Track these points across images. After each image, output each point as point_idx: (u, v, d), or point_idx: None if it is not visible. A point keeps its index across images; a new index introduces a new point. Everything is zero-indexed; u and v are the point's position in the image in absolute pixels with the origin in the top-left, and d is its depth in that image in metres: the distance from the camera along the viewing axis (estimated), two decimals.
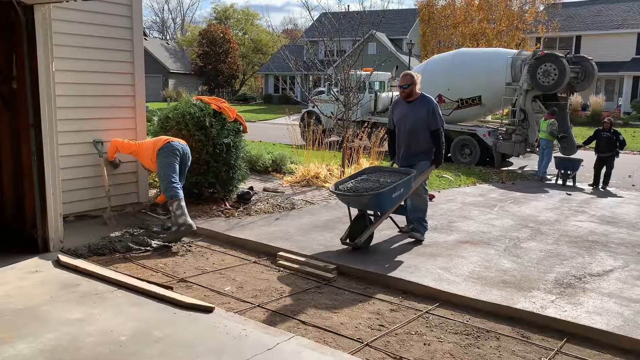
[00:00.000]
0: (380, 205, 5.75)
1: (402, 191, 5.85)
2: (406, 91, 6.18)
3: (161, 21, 74.26)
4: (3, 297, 4.15)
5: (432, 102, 6.15)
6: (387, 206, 5.81)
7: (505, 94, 14.01)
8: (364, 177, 6.06)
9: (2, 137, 5.58)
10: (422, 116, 6.07)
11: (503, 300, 4.50)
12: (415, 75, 6.20)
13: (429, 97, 6.22)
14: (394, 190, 5.68)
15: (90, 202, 6.61)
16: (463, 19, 33.03)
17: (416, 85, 6.17)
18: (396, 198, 5.80)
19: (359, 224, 5.80)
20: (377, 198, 5.59)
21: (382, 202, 5.68)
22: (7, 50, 5.30)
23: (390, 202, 5.77)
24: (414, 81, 6.15)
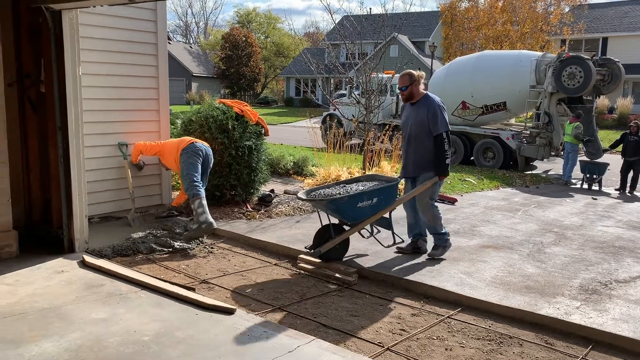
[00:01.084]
0: (340, 213, 5.28)
1: (375, 202, 5.27)
2: (405, 94, 5.62)
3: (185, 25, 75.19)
4: (30, 296, 4.24)
5: (434, 102, 5.49)
6: (350, 216, 5.29)
7: (530, 97, 13.83)
8: (343, 185, 5.60)
9: (30, 140, 5.71)
10: (423, 119, 5.50)
11: (526, 305, 4.43)
12: (414, 74, 5.59)
13: (432, 98, 5.56)
14: (356, 198, 5.16)
15: (114, 204, 6.71)
16: (486, 21, 32.76)
17: (418, 85, 5.57)
18: (365, 208, 5.24)
19: (323, 234, 5.40)
20: (334, 204, 5.19)
21: (342, 210, 5.22)
22: (35, 54, 5.43)
23: (355, 212, 5.23)
24: (413, 81, 5.55)
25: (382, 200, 5.35)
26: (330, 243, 5.31)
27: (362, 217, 5.34)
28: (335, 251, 5.40)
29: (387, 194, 5.39)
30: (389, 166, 10.04)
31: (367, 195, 5.26)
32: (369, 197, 5.26)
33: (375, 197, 5.29)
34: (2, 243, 5.10)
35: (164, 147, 6.50)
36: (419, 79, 5.58)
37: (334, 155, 10.81)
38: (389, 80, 15.34)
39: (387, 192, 5.40)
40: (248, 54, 48.44)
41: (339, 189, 5.46)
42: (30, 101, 5.62)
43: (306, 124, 14.55)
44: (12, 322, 3.76)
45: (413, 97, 5.60)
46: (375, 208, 5.33)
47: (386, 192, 5.39)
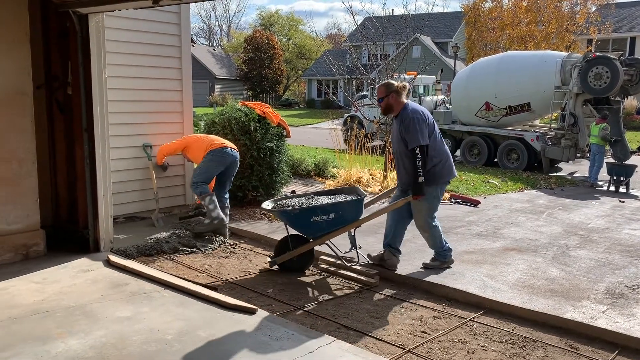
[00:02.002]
0: (294, 226, 5.14)
1: (332, 217, 4.99)
2: (382, 106, 5.17)
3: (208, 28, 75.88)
4: (56, 294, 4.33)
5: (407, 114, 4.96)
6: (305, 229, 5.14)
7: (555, 98, 13.62)
8: (311, 196, 5.40)
9: (57, 141, 5.83)
10: (397, 131, 5.08)
11: (550, 309, 4.37)
12: (392, 85, 5.11)
13: (408, 108, 5.02)
14: (309, 212, 4.97)
15: (139, 204, 6.82)
16: (510, 21, 32.36)
17: (398, 96, 5.07)
18: (321, 223, 5.00)
19: (284, 245, 5.29)
20: (285, 216, 5.07)
21: (294, 223, 5.10)
22: (63, 57, 5.55)
23: (309, 226, 5.04)
24: (390, 92, 5.06)
25: (341, 216, 5.04)
26: (287, 255, 5.18)
27: (319, 232, 5.09)
28: (295, 262, 5.25)
29: (346, 210, 5.08)
30: None
31: (321, 210, 4.99)
32: (324, 212, 4.98)
33: (332, 212, 5.00)
34: (30, 242, 5.22)
35: (191, 142, 6.45)
36: (399, 90, 5.08)
37: (355, 157, 10.80)
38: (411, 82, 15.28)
39: (346, 208, 5.08)
40: (270, 56, 48.68)
41: (305, 200, 5.25)
42: (58, 103, 5.74)
43: (327, 126, 14.58)
44: (39, 320, 3.85)
45: (392, 110, 5.14)
46: (333, 224, 5.05)
47: (345, 208, 5.08)
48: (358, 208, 5.18)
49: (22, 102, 5.11)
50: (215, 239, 6.16)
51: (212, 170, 6.19)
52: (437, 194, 5.18)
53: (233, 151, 6.33)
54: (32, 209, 5.25)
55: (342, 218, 5.07)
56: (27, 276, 4.72)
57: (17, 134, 5.09)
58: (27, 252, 5.19)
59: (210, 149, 6.16)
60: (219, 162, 6.17)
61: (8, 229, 5.08)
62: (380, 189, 9.08)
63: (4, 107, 4.98)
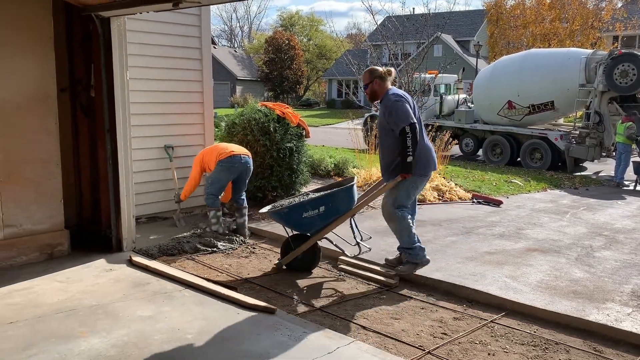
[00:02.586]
0: (288, 225, 5.16)
1: (323, 210, 4.94)
2: (367, 92, 5.07)
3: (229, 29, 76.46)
4: (80, 293, 4.40)
5: (389, 97, 4.85)
6: (299, 227, 5.13)
7: (579, 96, 13.40)
8: (305, 194, 5.40)
9: (81, 142, 5.94)
10: (382, 120, 4.96)
11: (574, 311, 4.29)
12: (377, 70, 5.00)
13: (391, 92, 4.90)
14: (299, 209, 4.95)
15: (160, 205, 6.90)
16: (533, 18, 31.94)
17: (383, 82, 4.96)
18: (313, 218, 4.97)
19: (287, 246, 5.31)
20: (276, 216, 5.09)
21: (288, 221, 5.11)
22: (86, 60, 5.64)
23: (303, 223, 5.02)
24: (374, 77, 4.96)
25: (331, 207, 4.98)
26: (290, 255, 5.19)
27: (314, 227, 5.06)
28: (299, 261, 5.24)
29: (336, 200, 4.99)
30: None
31: (310, 205, 4.95)
32: (314, 207, 4.93)
33: (321, 205, 4.94)
34: (54, 242, 5.32)
35: (205, 161, 6.32)
36: (384, 75, 4.95)
37: (375, 157, 10.75)
38: (431, 81, 15.18)
39: (335, 199, 4.99)
40: (291, 57, 48.82)
41: (297, 199, 5.22)
42: (82, 105, 5.84)
43: (348, 126, 14.55)
44: (63, 318, 3.92)
45: (377, 96, 5.01)
46: (326, 216, 4.99)
47: (334, 199, 4.99)
48: (348, 197, 5.07)
49: (46, 105, 5.21)
50: (235, 239, 6.20)
51: (223, 180, 6.22)
52: (408, 185, 4.93)
53: (243, 157, 6.26)
54: (57, 209, 5.35)
55: (334, 209, 5.01)
56: (52, 275, 4.81)
57: (42, 136, 5.19)
58: (52, 252, 5.29)
59: (219, 159, 6.14)
60: (229, 170, 6.17)
61: (33, 229, 5.19)
62: None
63: (29, 110, 5.09)
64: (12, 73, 4.95)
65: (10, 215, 5.03)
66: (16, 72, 4.98)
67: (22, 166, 5.08)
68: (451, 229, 6.89)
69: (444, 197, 8.83)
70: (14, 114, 4.99)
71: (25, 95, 5.06)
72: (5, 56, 4.90)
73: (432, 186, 9.00)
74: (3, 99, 4.91)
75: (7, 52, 4.91)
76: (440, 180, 9.40)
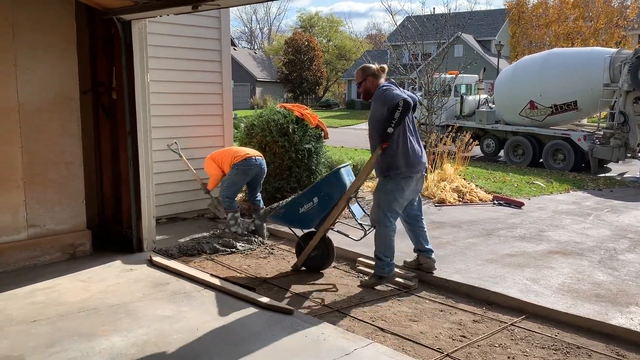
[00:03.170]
0: (289, 224, 5.20)
1: (317, 201, 4.89)
2: (360, 91, 4.98)
3: (249, 31, 76.90)
4: (101, 293, 4.47)
5: (378, 89, 4.72)
6: (300, 224, 5.11)
7: (603, 96, 13.15)
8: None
9: (103, 144, 6.03)
10: (372, 114, 4.80)
11: (596, 315, 4.22)
12: (369, 67, 4.90)
13: (380, 86, 4.76)
14: (294, 205, 4.95)
15: (180, 205, 6.97)
16: (556, 17, 31.50)
17: (372, 79, 4.85)
18: (311, 211, 4.93)
19: (299, 247, 5.30)
20: (274, 218, 5.11)
21: (287, 221, 5.12)
22: (108, 63, 5.73)
23: (302, 219, 5.00)
24: (367, 75, 4.87)
25: (325, 196, 4.91)
26: (302, 254, 5.19)
27: (314, 220, 5.01)
28: (314, 260, 5.23)
29: (327, 188, 4.92)
30: (452, 168, 9.84)
31: (303, 198, 4.92)
32: (307, 200, 4.90)
33: (314, 196, 4.90)
34: (77, 242, 5.41)
35: (217, 161, 6.39)
36: (378, 72, 4.85)
37: None
38: (452, 81, 15.06)
39: (325, 186, 4.93)
40: (310, 58, 48.93)
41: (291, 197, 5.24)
42: (103, 107, 5.93)
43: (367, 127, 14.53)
44: (85, 317, 3.98)
45: (370, 94, 4.85)
46: (322, 207, 4.93)
47: (325, 187, 4.93)
48: (338, 182, 4.98)
49: (69, 107, 5.30)
50: (254, 239, 6.23)
51: (238, 183, 6.28)
52: (392, 188, 4.77)
53: (258, 159, 6.30)
54: (79, 210, 5.44)
55: (328, 198, 4.93)
56: (74, 275, 4.90)
57: (65, 138, 5.28)
58: (74, 252, 5.38)
59: (234, 162, 6.18)
60: (244, 173, 6.22)
61: (57, 229, 5.29)
62: None
63: (53, 112, 5.19)
64: (36, 76, 5.05)
65: (34, 215, 5.13)
66: (40, 75, 5.08)
67: (46, 167, 5.17)
68: (471, 230, 6.83)
69: (464, 198, 8.75)
70: (38, 116, 5.09)
71: (49, 97, 5.16)
72: (30, 59, 5.00)
73: (452, 187, 8.93)
74: (28, 101, 5.02)
75: (31, 56, 5.01)
76: (461, 182, 9.31)
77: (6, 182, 4.94)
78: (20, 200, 5.03)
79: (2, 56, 4.84)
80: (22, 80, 4.96)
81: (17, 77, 4.93)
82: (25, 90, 4.99)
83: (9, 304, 4.21)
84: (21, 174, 5.02)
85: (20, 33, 4.91)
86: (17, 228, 5.04)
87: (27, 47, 4.96)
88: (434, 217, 7.47)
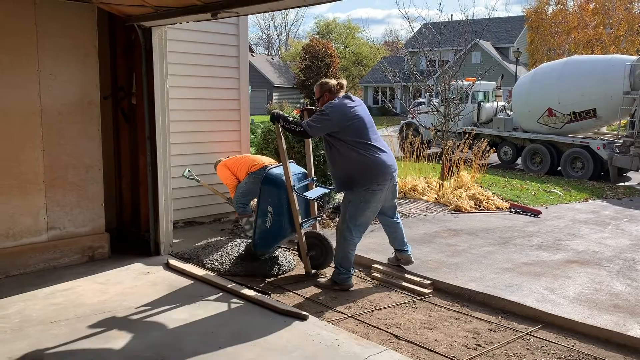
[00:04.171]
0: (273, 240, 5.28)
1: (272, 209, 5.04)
2: (319, 106, 5.05)
3: (267, 37, 77.35)
4: (119, 295, 4.53)
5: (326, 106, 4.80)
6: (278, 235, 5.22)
7: (623, 104, 12.99)
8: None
9: (122, 148, 6.12)
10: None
11: (614, 325, 4.16)
12: (326, 83, 4.98)
13: (329, 103, 4.83)
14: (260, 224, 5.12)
15: (197, 210, 7.03)
16: (576, 24, 31.18)
17: (329, 94, 4.92)
18: (277, 219, 5.06)
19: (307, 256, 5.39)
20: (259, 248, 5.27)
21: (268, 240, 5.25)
22: (128, 69, 5.83)
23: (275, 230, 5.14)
24: (323, 91, 4.96)
25: (273, 202, 5.03)
26: (304, 260, 5.30)
27: (286, 226, 5.10)
28: (312, 259, 5.33)
29: (267, 196, 5.05)
30: (469, 176, 9.79)
31: (260, 214, 5.09)
32: (264, 213, 5.07)
33: (266, 208, 5.06)
34: (95, 244, 5.49)
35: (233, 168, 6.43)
36: (335, 89, 4.93)
37: (410, 164, 10.71)
38: (469, 88, 15.00)
39: (265, 195, 5.06)
40: (327, 64, 48.99)
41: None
42: (123, 112, 6.03)
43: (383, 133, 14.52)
44: (102, 319, 4.04)
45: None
46: (280, 210, 5.04)
47: (266, 196, 5.06)
48: (272, 184, 5.06)
49: (90, 111, 5.40)
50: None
51: (254, 191, 6.28)
52: (355, 199, 4.80)
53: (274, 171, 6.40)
54: (98, 213, 5.52)
55: (276, 201, 5.04)
56: (92, 277, 4.97)
57: (85, 142, 5.38)
58: (93, 254, 5.46)
59: (251, 171, 6.22)
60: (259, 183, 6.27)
61: (76, 232, 5.37)
62: (436, 197, 8.95)
63: (74, 117, 5.28)
64: (58, 81, 5.15)
65: (54, 218, 5.22)
66: (62, 80, 5.18)
67: (66, 171, 5.27)
68: (487, 238, 6.79)
69: (481, 206, 8.70)
70: (60, 120, 5.19)
71: (71, 102, 5.26)
72: (53, 65, 5.11)
73: (468, 195, 8.89)
74: (50, 106, 5.12)
75: (54, 61, 5.11)
76: (477, 189, 9.26)
77: (28, 185, 5.04)
78: (41, 202, 5.13)
79: (26, 61, 4.95)
80: (45, 85, 5.06)
81: (40, 82, 5.04)
82: (47, 95, 5.09)
83: (29, 305, 4.29)
84: (42, 177, 5.12)
85: (43, 39, 5.02)
86: (38, 230, 5.14)
87: (50, 52, 5.07)
88: (450, 225, 7.44)
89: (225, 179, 6.48)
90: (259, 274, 5.26)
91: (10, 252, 4.97)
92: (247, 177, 6.24)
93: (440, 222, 7.58)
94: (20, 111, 4.95)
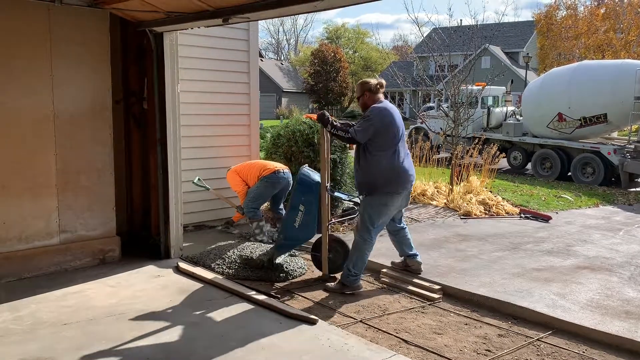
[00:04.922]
0: (298, 239, 5.37)
1: (304, 208, 5.11)
2: (360, 104, 5.17)
3: (276, 43, 77.62)
4: (130, 298, 4.56)
5: (372, 108, 4.87)
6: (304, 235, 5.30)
7: (634, 109, 12.90)
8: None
9: (133, 152, 6.17)
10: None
11: (626, 332, 4.13)
12: (368, 83, 5.03)
13: (375, 106, 4.89)
14: (289, 224, 5.17)
15: (207, 214, 7.07)
16: (586, 29, 31.02)
17: (373, 94, 4.98)
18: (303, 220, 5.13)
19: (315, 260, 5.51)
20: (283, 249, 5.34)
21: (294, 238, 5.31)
22: (140, 74, 5.88)
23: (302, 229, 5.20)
24: (364, 90, 5.01)
25: (306, 200, 5.09)
26: (323, 262, 5.31)
27: (312, 226, 5.16)
28: (330, 262, 5.35)
29: (302, 193, 5.10)
30: (478, 181, 9.76)
31: (292, 212, 5.12)
32: (295, 212, 5.10)
33: (298, 206, 5.10)
34: (106, 248, 5.53)
35: (243, 174, 6.48)
36: (375, 88, 4.98)
37: (419, 169, 10.69)
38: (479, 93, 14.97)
39: (300, 192, 5.11)
40: (336, 69, 49.09)
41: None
42: (134, 117, 6.08)
43: None
44: (113, 321, 4.07)
45: (367, 107, 5.00)
46: (310, 210, 5.11)
47: (300, 193, 5.11)
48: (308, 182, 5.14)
49: (102, 116, 5.45)
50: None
51: (266, 196, 6.38)
52: (376, 203, 4.90)
53: (285, 173, 6.43)
54: (109, 216, 5.56)
55: (309, 199, 5.10)
56: (103, 280, 5.01)
57: (97, 146, 5.43)
58: (104, 257, 5.51)
59: (262, 175, 6.27)
60: (272, 186, 6.33)
61: (87, 235, 5.42)
62: (445, 202, 8.93)
63: (87, 121, 5.34)
64: (71, 86, 5.21)
65: (66, 221, 5.27)
66: (75, 85, 5.24)
67: (78, 175, 5.32)
68: (497, 244, 6.76)
69: (491, 211, 8.66)
70: (72, 124, 5.25)
71: (83, 107, 5.31)
72: (66, 70, 5.17)
73: (478, 200, 8.86)
74: (62, 110, 5.17)
75: (67, 66, 5.17)
76: (487, 194, 9.23)
77: (40, 189, 5.10)
78: (54, 206, 5.18)
79: (39, 66, 5.01)
80: (58, 90, 5.12)
81: (53, 87, 5.10)
82: (60, 100, 5.15)
83: (41, 307, 4.33)
84: (55, 180, 5.17)
85: (56, 44, 5.08)
86: (50, 233, 5.19)
87: (63, 58, 5.13)
88: (460, 230, 7.42)
89: (235, 186, 6.51)
90: (268, 278, 5.28)
91: (23, 254, 5.02)
92: (258, 182, 6.27)
93: (449, 227, 7.56)
94: (33, 116, 5.02)
